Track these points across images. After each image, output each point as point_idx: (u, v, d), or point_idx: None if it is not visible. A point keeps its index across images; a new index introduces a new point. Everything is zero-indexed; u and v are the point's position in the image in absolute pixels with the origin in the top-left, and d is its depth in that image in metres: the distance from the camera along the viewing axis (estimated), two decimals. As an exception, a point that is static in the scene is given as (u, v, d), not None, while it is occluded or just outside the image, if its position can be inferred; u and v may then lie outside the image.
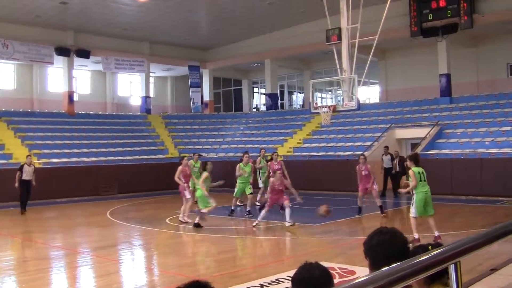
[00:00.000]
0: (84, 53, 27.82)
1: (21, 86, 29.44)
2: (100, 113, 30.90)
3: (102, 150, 25.33)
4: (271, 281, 7.59)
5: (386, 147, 20.97)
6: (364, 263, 2.75)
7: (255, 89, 39.37)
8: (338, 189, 21.27)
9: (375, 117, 25.91)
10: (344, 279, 7.44)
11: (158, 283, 8.50)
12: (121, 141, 26.87)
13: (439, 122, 22.75)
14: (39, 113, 27.34)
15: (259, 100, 39.29)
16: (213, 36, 30.97)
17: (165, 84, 37.63)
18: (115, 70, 30.80)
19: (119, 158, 25.09)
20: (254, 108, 38.60)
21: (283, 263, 9.36)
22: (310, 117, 27.44)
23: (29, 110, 27.64)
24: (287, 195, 13.52)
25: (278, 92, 33.70)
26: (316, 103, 17.96)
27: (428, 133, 22.06)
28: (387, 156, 20.55)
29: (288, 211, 12.97)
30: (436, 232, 10.45)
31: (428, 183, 10.57)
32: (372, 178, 14.62)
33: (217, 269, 9.24)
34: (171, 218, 15.42)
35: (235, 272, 8.64)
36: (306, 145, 25.51)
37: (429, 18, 23.62)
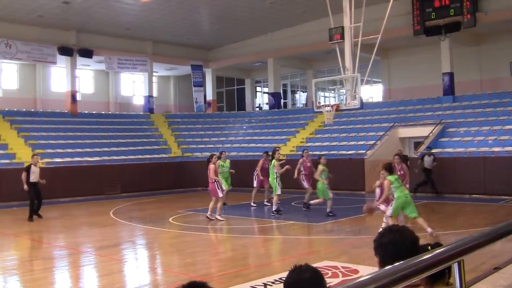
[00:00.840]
0: (87, 53, 27.84)
1: (24, 85, 29.49)
2: (103, 112, 30.93)
3: (105, 149, 25.36)
4: (275, 280, 7.59)
5: (429, 147, 20.30)
6: (368, 262, 2.76)
7: (258, 88, 39.34)
8: (341, 188, 21.24)
9: (378, 116, 25.87)
10: (347, 278, 7.43)
11: (161, 282, 8.50)
12: (124, 141, 26.89)
13: (442, 121, 22.70)
14: (42, 112, 27.37)
15: (262, 99, 39.27)
16: (215, 36, 30.97)
17: (168, 83, 37.66)
18: (118, 70, 30.82)
19: (122, 157, 25.12)
20: (257, 107, 38.57)
21: (286, 262, 9.35)
22: (313, 116, 27.44)
23: (32, 110, 27.66)
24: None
25: (281, 91, 33.68)
26: (319, 102, 18.01)
27: (431, 132, 22.01)
28: (430, 157, 19.67)
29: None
30: (429, 229, 10.53)
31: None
32: (407, 178, 14.48)
33: (220, 268, 9.25)
34: (174, 218, 15.44)
35: (238, 271, 8.63)
36: (309, 144, 25.49)
37: (432, 17, 23.58)
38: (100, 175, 23.30)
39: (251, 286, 7.37)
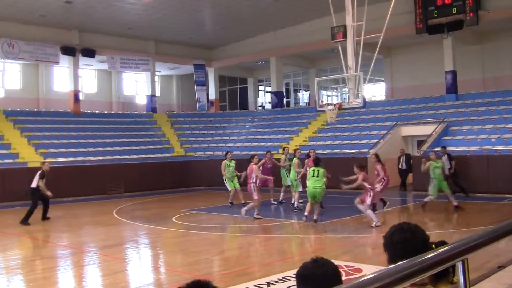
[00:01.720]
0: (89, 52, 27.88)
1: (27, 85, 29.55)
2: (105, 112, 30.95)
3: (108, 149, 25.39)
4: (278, 279, 7.59)
5: (444, 147, 19.44)
6: (371, 261, 2.75)
7: (261, 87, 39.34)
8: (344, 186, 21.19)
9: (381, 114, 25.84)
10: (351, 277, 7.43)
11: (165, 282, 8.51)
12: (127, 140, 26.92)
13: (445, 119, 22.67)
14: (45, 112, 27.41)
15: (265, 98, 39.28)
16: (218, 35, 30.97)
17: (170, 82, 37.68)
18: (121, 69, 30.86)
19: (125, 157, 25.15)
20: (259, 106, 38.59)
21: (289, 261, 9.35)
22: (315, 115, 27.43)
23: (35, 110, 27.72)
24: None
25: (284, 90, 33.68)
26: (322, 101, 17.91)
27: (434, 130, 21.98)
28: (444, 157, 18.81)
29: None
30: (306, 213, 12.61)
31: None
32: (380, 177, 14.74)
33: (224, 267, 9.26)
34: (178, 217, 15.44)
35: (241, 270, 8.63)
36: (312, 143, 25.46)
37: (435, 15, 23.55)
38: (103, 175, 23.31)
39: (255, 285, 7.36)
